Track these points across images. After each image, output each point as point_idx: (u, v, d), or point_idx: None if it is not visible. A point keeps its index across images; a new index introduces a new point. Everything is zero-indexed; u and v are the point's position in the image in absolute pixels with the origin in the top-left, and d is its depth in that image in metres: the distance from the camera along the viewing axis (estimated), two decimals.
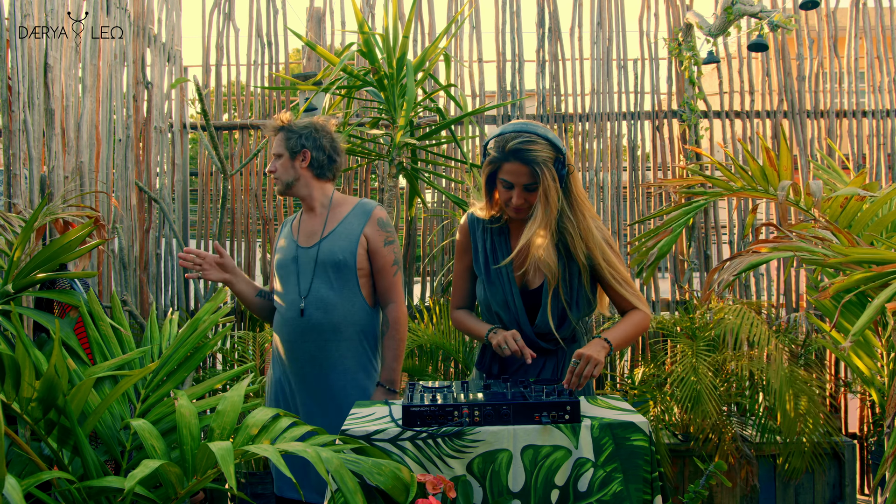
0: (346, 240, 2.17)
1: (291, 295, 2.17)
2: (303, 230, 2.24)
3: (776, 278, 3.82)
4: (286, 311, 2.17)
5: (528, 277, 1.94)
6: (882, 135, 3.83)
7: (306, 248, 2.20)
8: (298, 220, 2.28)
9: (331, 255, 2.15)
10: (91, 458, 1.41)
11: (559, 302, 1.89)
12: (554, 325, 1.89)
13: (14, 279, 1.64)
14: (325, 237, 2.18)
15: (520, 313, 1.91)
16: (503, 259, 1.94)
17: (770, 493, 3.06)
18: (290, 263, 2.20)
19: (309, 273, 2.17)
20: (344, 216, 2.21)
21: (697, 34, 3.71)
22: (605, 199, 3.77)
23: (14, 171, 2.22)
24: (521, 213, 1.88)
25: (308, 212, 2.25)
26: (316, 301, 2.13)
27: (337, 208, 2.23)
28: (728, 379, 3.11)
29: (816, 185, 1.71)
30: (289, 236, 2.26)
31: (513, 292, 1.91)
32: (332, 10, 3.81)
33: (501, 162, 1.83)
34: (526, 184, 1.82)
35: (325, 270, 2.15)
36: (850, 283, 1.39)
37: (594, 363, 1.69)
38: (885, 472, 1.39)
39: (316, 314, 2.13)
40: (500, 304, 1.93)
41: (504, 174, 1.83)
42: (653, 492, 1.54)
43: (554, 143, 1.82)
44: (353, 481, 1.24)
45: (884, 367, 2.38)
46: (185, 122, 3.79)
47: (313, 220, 2.23)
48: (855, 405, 3.72)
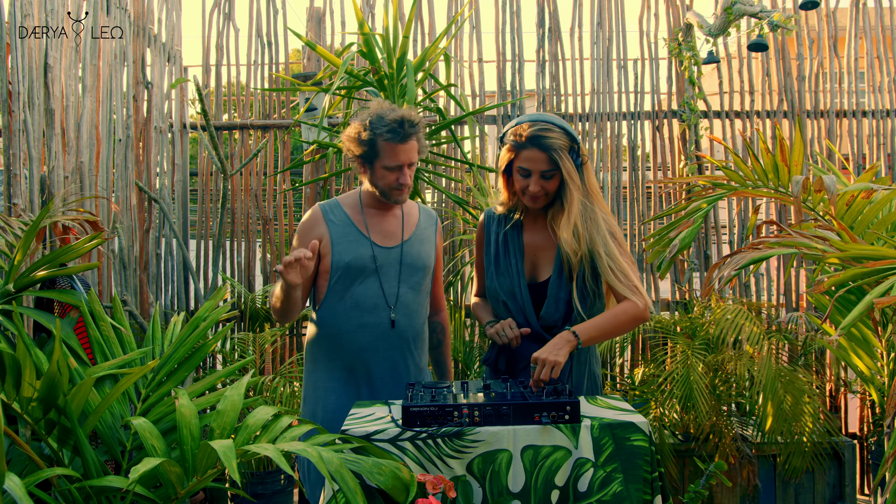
0: (428, 244, 2.11)
1: (374, 299, 2.00)
2: (375, 229, 2.05)
3: (776, 278, 3.82)
4: (366, 316, 2.00)
5: (536, 271, 1.97)
6: (882, 135, 3.83)
7: (388, 249, 2.04)
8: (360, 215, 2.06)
9: (418, 258, 2.06)
10: (91, 458, 1.41)
11: (566, 294, 1.90)
12: (560, 317, 1.91)
13: (15, 279, 1.64)
14: (407, 240, 2.07)
15: (526, 304, 1.94)
16: (514, 252, 1.98)
17: (770, 493, 3.06)
18: (368, 263, 2.01)
19: (394, 275, 2.03)
20: (417, 219, 2.13)
21: (697, 34, 3.71)
22: (605, 199, 3.77)
23: (14, 171, 2.22)
24: (538, 201, 1.91)
25: (379, 209, 2.08)
26: (402, 307, 2.03)
27: (409, 210, 2.13)
28: (728, 379, 3.11)
29: (830, 179, 1.68)
30: (350, 231, 2.03)
31: (520, 283, 1.95)
32: (332, 10, 3.81)
33: (520, 150, 1.87)
34: (543, 171, 1.86)
35: (411, 274, 2.05)
36: (844, 278, 1.39)
37: (550, 365, 1.68)
38: (885, 473, 1.39)
39: (403, 320, 2.03)
40: (507, 294, 1.96)
41: (522, 161, 1.88)
42: (653, 492, 1.54)
43: (569, 133, 1.87)
44: (353, 481, 1.24)
45: (884, 367, 2.38)
46: (185, 122, 3.79)
47: (387, 220, 2.08)
48: (855, 405, 3.72)
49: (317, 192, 3.71)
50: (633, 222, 3.81)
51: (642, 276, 3.79)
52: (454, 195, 3.37)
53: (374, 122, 1.94)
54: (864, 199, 1.84)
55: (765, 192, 2.03)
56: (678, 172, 3.80)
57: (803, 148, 1.88)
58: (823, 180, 1.68)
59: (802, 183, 1.76)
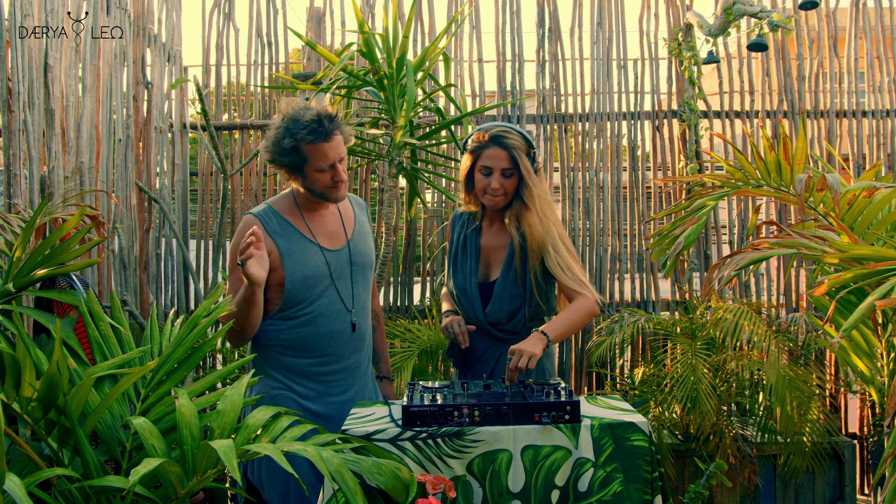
0: (368, 235, 2.08)
1: (335, 304, 1.94)
2: (319, 231, 1.98)
3: (776, 278, 3.82)
4: (330, 323, 1.93)
5: (489, 271, 2.15)
6: (882, 135, 3.83)
7: (337, 252, 1.98)
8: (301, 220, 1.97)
9: (365, 255, 2.02)
10: (91, 458, 1.41)
11: (509, 294, 2.07)
12: (506, 315, 2.07)
13: (14, 278, 1.64)
14: (351, 237, 2.02)
15: (475, 301, 2.12)
16: (470, 252, 2.15)
17: (770, 492, 3.06)
18: (324, 269, 1.93)
19: (347, 277, 1.98)
20: (353, 213, 2.08)
21: (697, 34, 3.71)
22: (605, 199, 3.77)
23: (14, 171, 2.22)
24: (498, 199, 2.05)
25: (317, 210, 2.01)
26: (360, 308, 2.00)
27: (343, 205, 2.07)
28: (728, 379, 3.11)
29: (833, 178, 1.68)
30: (296, 239, 1.94)
31: (471, 282, 2.13)
32: (332, 10, 3.81)
33: (482, 150, 2.03)
34: (504, 168, 2.01)
35: (361, 272, 2.01)
36: (845, 279, 1.39)
37: (528, 355, 1.77)
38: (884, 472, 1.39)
39: (361, 322, 2.00)
40: (460, 291, 2.15)
41: (484, 160, 2.03)
42: (653, 492, 1.54)
43: (527, 138, 2.05)
44: (353, 481, 1.24)
45: (884, 367, 2.37)
46: (185, 122, 3.79)
47: (328, 221, 2.01)
48: (855, 405, 3.72)
49: None
50: (633, 222, 3.81)
51: (644, 277, 3.79)
52: (454, 195, 3.36)
53: (291, 128, 1.84)
54: (864, 199, 1.83)
55: (767, 191, 2.03)
56: (678, 172, 3.80)
57: (806, 146, 1.87)
58: (827, 178, 1.67)
59: (805, 181, 1.75)
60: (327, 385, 1.97)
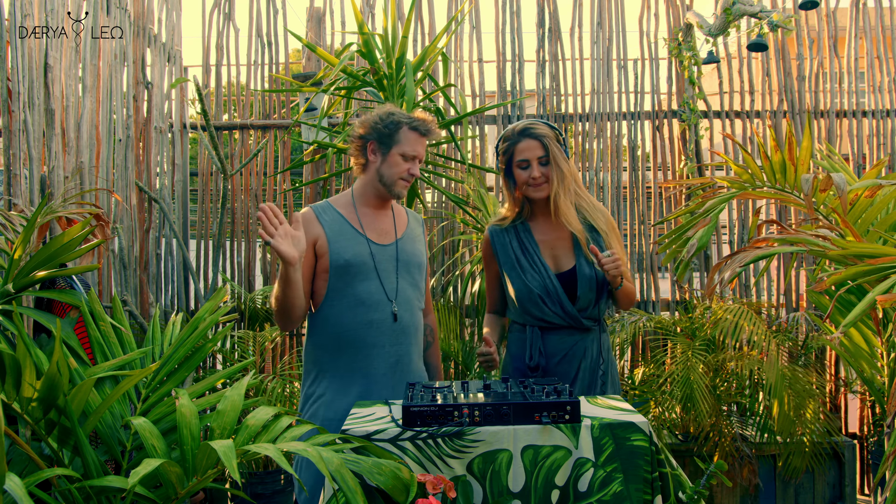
0: (419, 243, 2.15)
1: (376, 294, 2.00)
2: (370, 227, 2.07)
3: (776, 278, 3.82)
4: (371, 313, 2.00)
5: (558, 262, 2.11)
6: (882, 135, 3.83)
7: (384, 246, 2.06)
8: (354, 214, 2.07)
9: (413, 255, 2.09)
10: (91, 458, 1.41)
11: (592, 275, 2.06)
12: (594, 297, 2.07)
13: (14, 278, 1.64)
14: (401, 237, 2.10)
15: (560, 294, 2.06)
16: (532, 251, 2.12)
17: (770, 492, 3.06)
18: (367, 259, 2.01)
19: (392, 271, 2.05)
20: (407, 220, 2.17)
21: (697, 34, 3.71)
22: (605, 199, 3.77)
23: (14, 171, 2.22)
24: (541, 188, 2.08)
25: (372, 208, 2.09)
26: (403, 301, 2.04)
27: (398, 210, 2.17)
28: (728, 379, 3.11)
29: (840, 178, 1.67)
30: (346, 229, 2.03)
31: (549, 276, 2.07)
32: (332, 11, 3.81)
33: (514, 145, 2.08)
34: (539, 156, 2.06)
35: (407, 270, 2.07)
36: (845, 276, 1.39)
37: (619, 262, 1.95)
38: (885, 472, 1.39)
39: (405, 314, 2.04)
40: (541, 289, 2.07)
41: (519, 154, 2.08)
42: (653, 492, 1.54)
43: (552, 126, 2.11)
44: (353, 481, 1.24)
45: (884, 367, 2.37)
46: (185, 122, 3.79)
47: (380, 219, 2.10)
48: (855, 405, 3.72)
49: (317, 193, 3.71)
50: (633, 222, 3.81)
51: (644, 276, 3.79)
52: (453, 195, 3.37)
53: (398, 114, 2.03)
54: (866, 199, 1.83)
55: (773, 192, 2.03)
56: (678, 172, 3.80)
57: (811, 146, 1.87)
58: (833, 178, 1.66)
59: (812, 181, 1.74)
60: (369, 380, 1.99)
